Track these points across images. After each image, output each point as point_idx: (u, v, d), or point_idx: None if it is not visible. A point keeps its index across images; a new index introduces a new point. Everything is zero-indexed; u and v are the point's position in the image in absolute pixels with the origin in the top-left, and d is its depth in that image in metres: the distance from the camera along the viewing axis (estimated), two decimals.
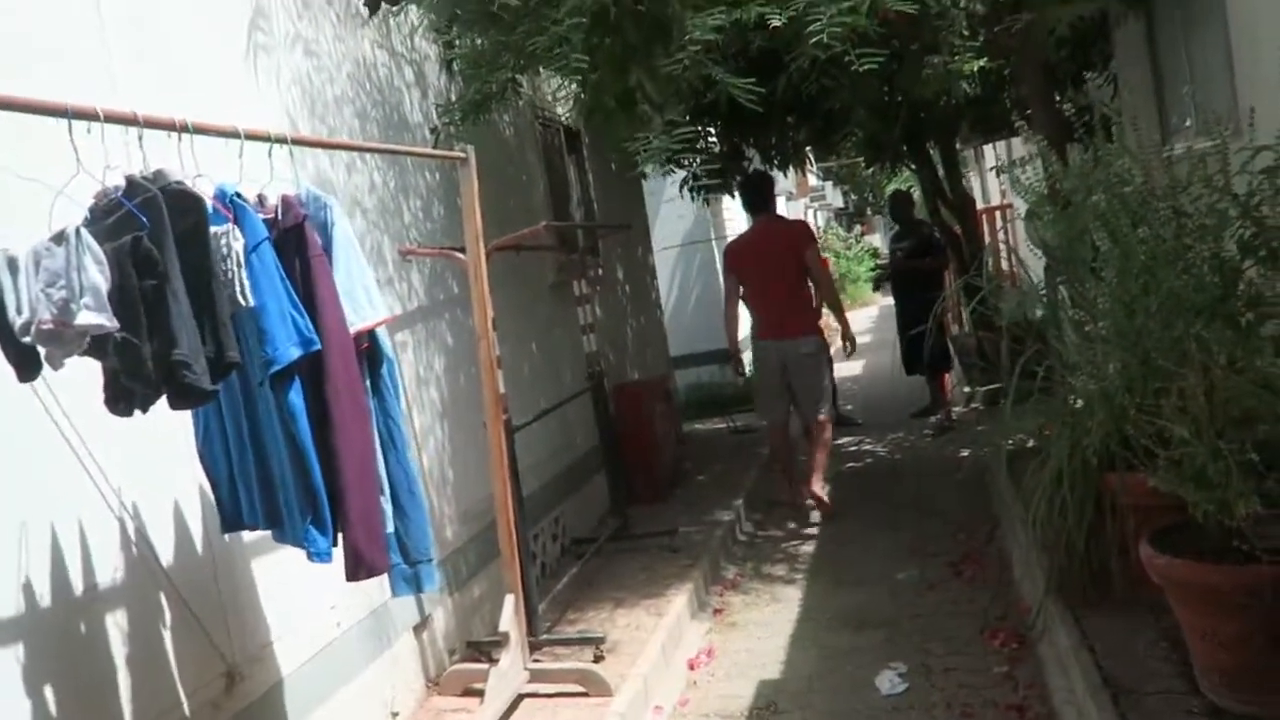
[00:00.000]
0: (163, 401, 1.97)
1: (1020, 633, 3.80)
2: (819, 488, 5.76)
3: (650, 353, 7.90)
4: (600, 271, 6.80)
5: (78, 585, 2.42)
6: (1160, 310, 2.35)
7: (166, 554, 2.70)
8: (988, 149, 14.02)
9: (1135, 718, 2.76)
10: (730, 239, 7.66)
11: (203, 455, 2.55)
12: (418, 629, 3.75)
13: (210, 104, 2.67)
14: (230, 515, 2.58)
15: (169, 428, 2.47)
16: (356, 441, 2.36)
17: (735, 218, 13.45)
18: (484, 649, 3.92)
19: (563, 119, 6.39)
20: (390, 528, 2.57)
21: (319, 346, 2.22)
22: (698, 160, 7.67)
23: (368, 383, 2.52)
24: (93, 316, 1.67)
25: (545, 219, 5.67)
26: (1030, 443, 4.00)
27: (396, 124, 4.24)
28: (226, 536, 2.86)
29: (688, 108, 4.38)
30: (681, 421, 8.19)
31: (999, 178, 11.79)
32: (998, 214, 12.45)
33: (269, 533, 2.63)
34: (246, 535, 2.89)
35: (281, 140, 2.40)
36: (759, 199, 6.15)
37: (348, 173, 3.74)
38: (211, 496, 2.64)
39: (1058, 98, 5.72)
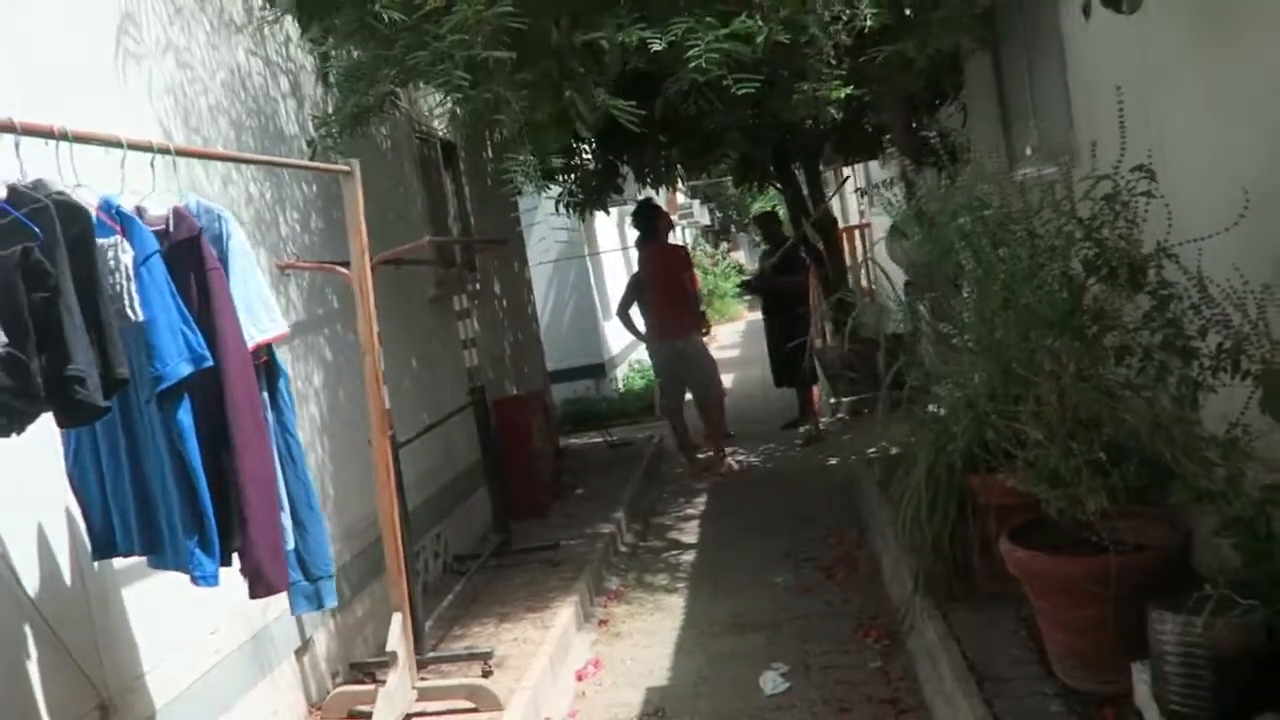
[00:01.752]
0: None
1: (891, 630, 4.01)
2: (719, 451, 7.42)
3: (528, 368, 7.91)
4: (478, 286, 6.78)
5: None
6: (1017, 323, 2.55)
7: (32, 580, 2.56)
8: (846, 171, 14.67)
9: (998, 702, 2.97)
10: (596, 254, 8.44)
11: (72, 477, 2.43)
12: (299, 652, 3.66)
13: (79, 114, 2.56)
14: (102, 541, 2.47)
15: (31, 443, 2.35)
16: (257, 458, 2.31)
17: (607, 234, 13.60)
18: (368, 670, 3.86)
19: (439, 134, 6.36)
20: (291, 544, 2.52)
21: (210, 362, 2.16)
22: (573, 177, 7.75)
23: (265, 397, 2.47)
24: None
25: (424, 233, 5.62)
26: (894, 450, 4.23)
27: (273, 135, 4.14)
28: (98, 565, 2.75)
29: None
30: (559, 436, 8.21)
31: (862, 199, 12.35)
32: (857, 233, 13.02)
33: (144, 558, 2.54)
34: (119, 562, 2.77)
35: (165, 150, 2.34)
36: (648, 228, 7.54)
37: (224, 184, 3.63)
38: (81, 520, 2.52)
39: (915, 124, 6.06)
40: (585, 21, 3.68)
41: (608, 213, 9.01)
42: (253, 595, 2.35)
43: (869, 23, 4.37)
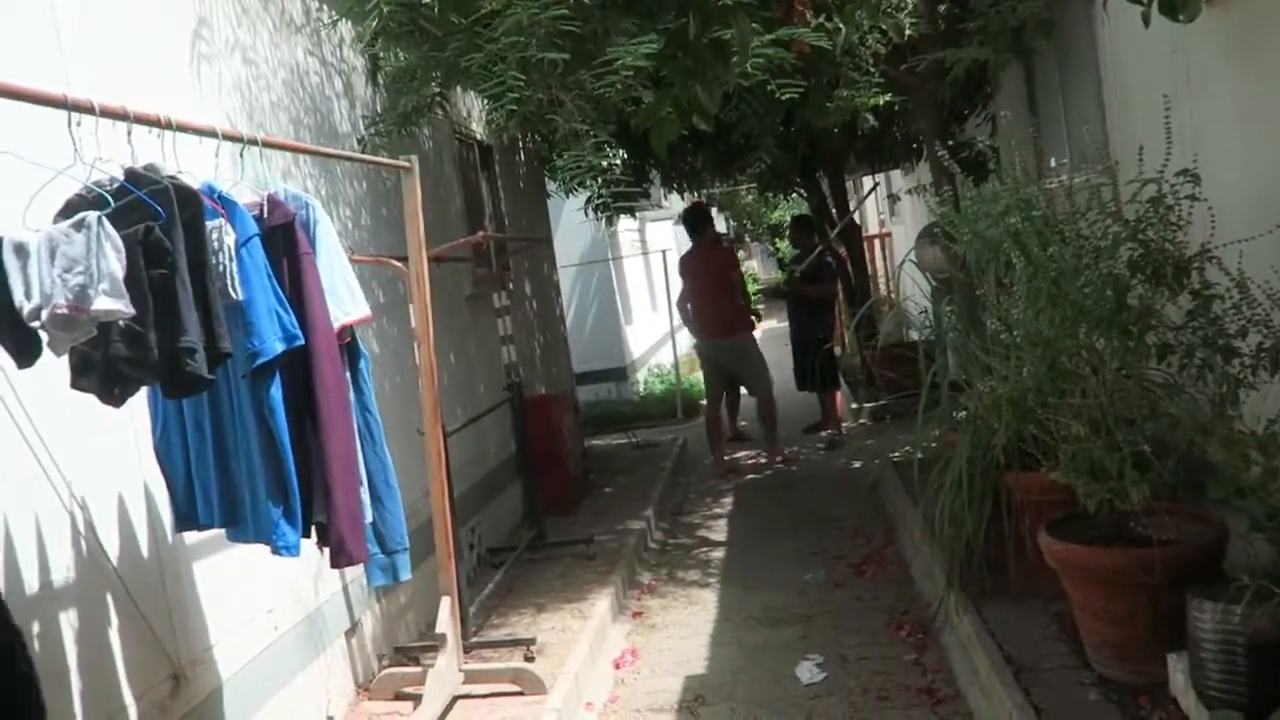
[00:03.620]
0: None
1: (924, 624, 4.09)
2: (775, 451, 7.64)
3: (556, 368, 8.02)
4: (510, 285, 6.89)
5: (31, 581, 2.39)
6: (1064, 320, 2.65)
7: (114, 551, 2.68)
8: (868, 180, 14.78)
9: (1035, 691, 3.05)
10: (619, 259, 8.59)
11: (159, 452, 2.55)
12: (349, 634, 3.76)
13: (158, 110, 2.69)
14: (184, 513, 2.58)
15: (117, 420, 2.46)
16: (341, 434, 2.42)
17: (629, 238, 13.72)
18: (412, 654, 3.96)
19: (478, 136, 6.49)
20: (369, 518, 2.63)
21: (302, 341, 2.28)
22: (600, 181, 7.85)
23: (347, 376, 2.58)
24: (109, 302, 1.71)
25: (462, 232, 5.75)
26: (920, 455, 4.31)
27: (327, 132, 4.27)
28: (171, 537, 2.86)
29: (617, 128, 4.57)
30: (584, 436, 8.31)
31: (881, 206, 12.43)
32: (877, 242, 13.13)
33: (219, 532, 2.65)
34: (189, 536, 2.88)
35: (254, 142, 2.45)
36: (694, 229, 7.83)
37: (283, 178, 3.74)
38: (164, 494, 2.63)
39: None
40: (719, 20, 3.99)
41: (634, 217, 9.12)
42: (334, 565, 2.46)
43: (909, 32, 4.49)
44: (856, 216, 13.41)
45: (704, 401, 8.06)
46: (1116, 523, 3.03)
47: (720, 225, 27.13)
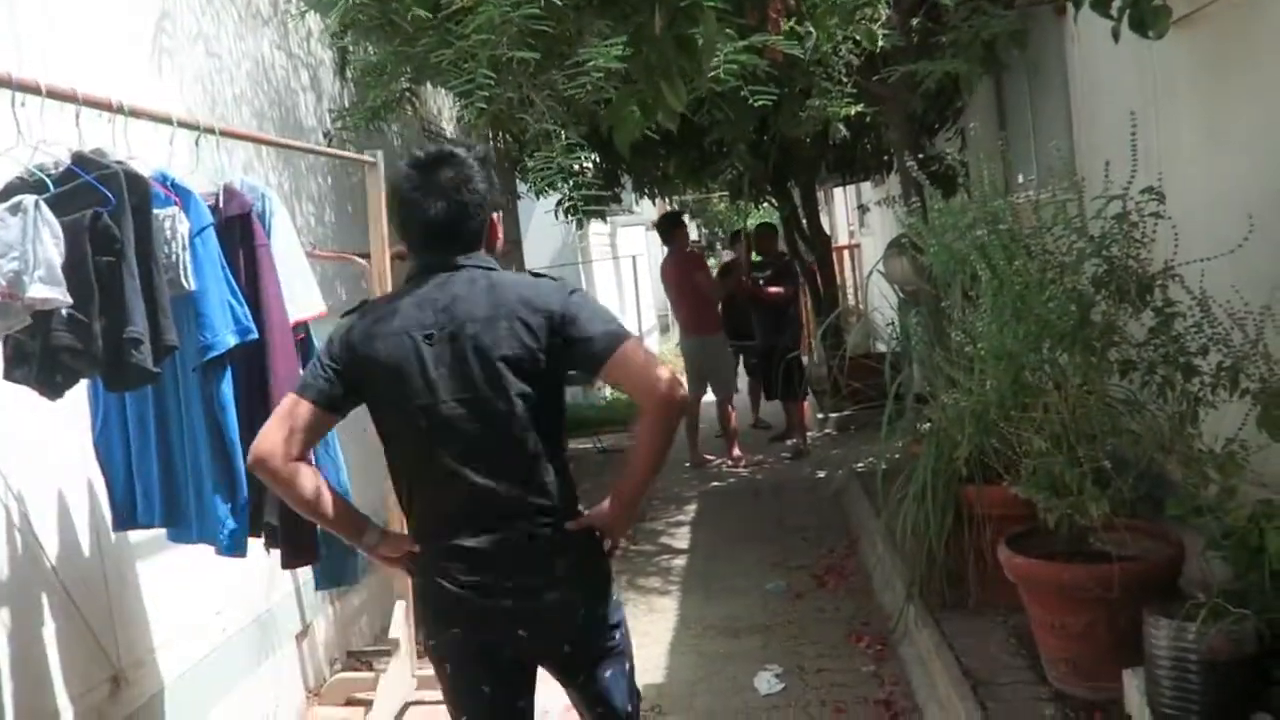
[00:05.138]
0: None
1: (884, 635, 4.08)
2: (732, 454, 7.87)
3: None
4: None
5: None
6: (1028, 335, 2.65)
7: (53, 549, 2.60)
8: (838, 191, 14.87)
9: (992, 705, 3.05)
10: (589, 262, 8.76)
11: (98, 447, 2.47)
12: (300, 637, 3.69)
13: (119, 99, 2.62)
14: (124, 511, 2.50)
15: (57, 412, 2.38)
16: None
17: (599, 242, 13.71)
18: (365, 658, 3.89)
19: (448, 133, 6.42)
20: None
21: (256, 335, 2.22)
22: (572, 184, 7.82)
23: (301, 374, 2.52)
24: (45, 290, 1.65)
25: None
26: (883, 466, 4.32)
27: (292, 126, 4.20)
28: (114, 535, 2.78)
29: (589, 130, 4.54)
30: None
31: (852, 217, 12.50)
32: (847, 252, 13.20)
33: (162, 532, 2.58)
34: (134, 534, 2.80)
35: (210, 130, 2.39)
36: (666, 236, 8.04)
37: (244, 171, 3.66)
38: (104, 491, 2.55)
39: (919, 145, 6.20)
40: (685, 16, 3.94)
41: (605, 221, 9.09)
42: (285, 565, 2.40)
43: (881, 43, 4.50)
44: (826, 227, 13.49)
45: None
46: (1076, 538, 3.03)
47: (693, 232, 27.30)
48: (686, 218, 26.04)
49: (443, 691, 2.12)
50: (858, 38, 4.43)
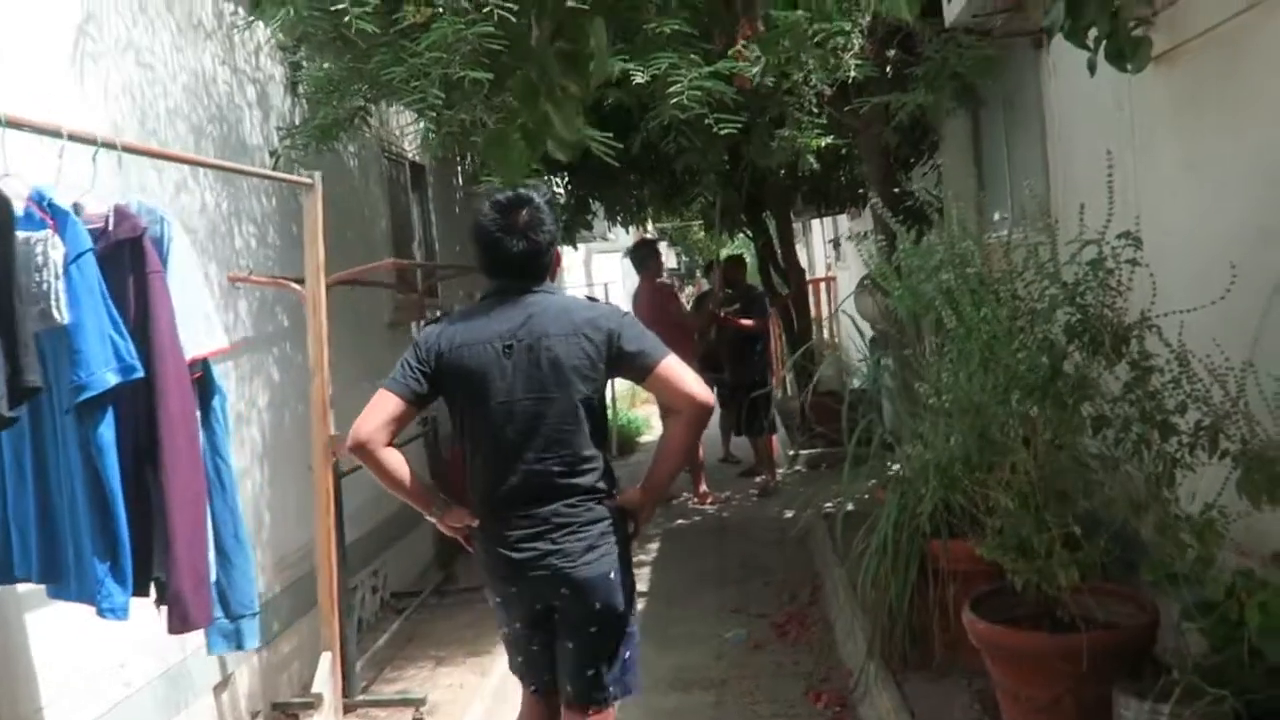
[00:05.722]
0: None
1: (843, 694, 3.87)
2: (701, 488, 7.69)
3: None
4: (439, 313, 6.62)
5: None
6: (996, 386, 2.47)
7: None
8: (815, 223, 14.78)
9: None
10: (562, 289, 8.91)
11: None
12: (218, 689, 3.43)
13: (29, 109, 2.42)
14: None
15: None
16: (187, 480, 2.13)
17: (573, 267, 13.52)
18: (291, 710, 3.64)
19: (410, 155, 6.23)
20: (212, 577, 2.33)
21: (140, 373, 2.00)
22: None
23: (198, 415, 2.29)
24: None
25: (386, 255, 5.48)
26: (850, 506, 4.14)
27: (235, 144, 3.99)
28: None
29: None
30: None
31: (835, 249, 12.39)
32: (823, 285, 13.07)
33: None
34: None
35: (110, 145, 2.18)
36: (638, 263, 7.85)
37: (177, 191, 3.47)
38: None
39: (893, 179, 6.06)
40: (567, 34, 3.47)
41: (575, 248, 8.92)
42: (171, 630, 2.17)
43: (853, 74, 4.35)
44: (804, 258, 13.37)
45: (640, 438, 8.03)
46: (1045, 600, 2.85)
47: (671, 260, 27.18)
48: (665, 245, 26.02)
49: (504, 638, 2.66)
50: (826, 67, 4.28)
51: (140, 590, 2.13)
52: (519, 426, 2.40)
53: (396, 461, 2.45)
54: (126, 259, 2.06)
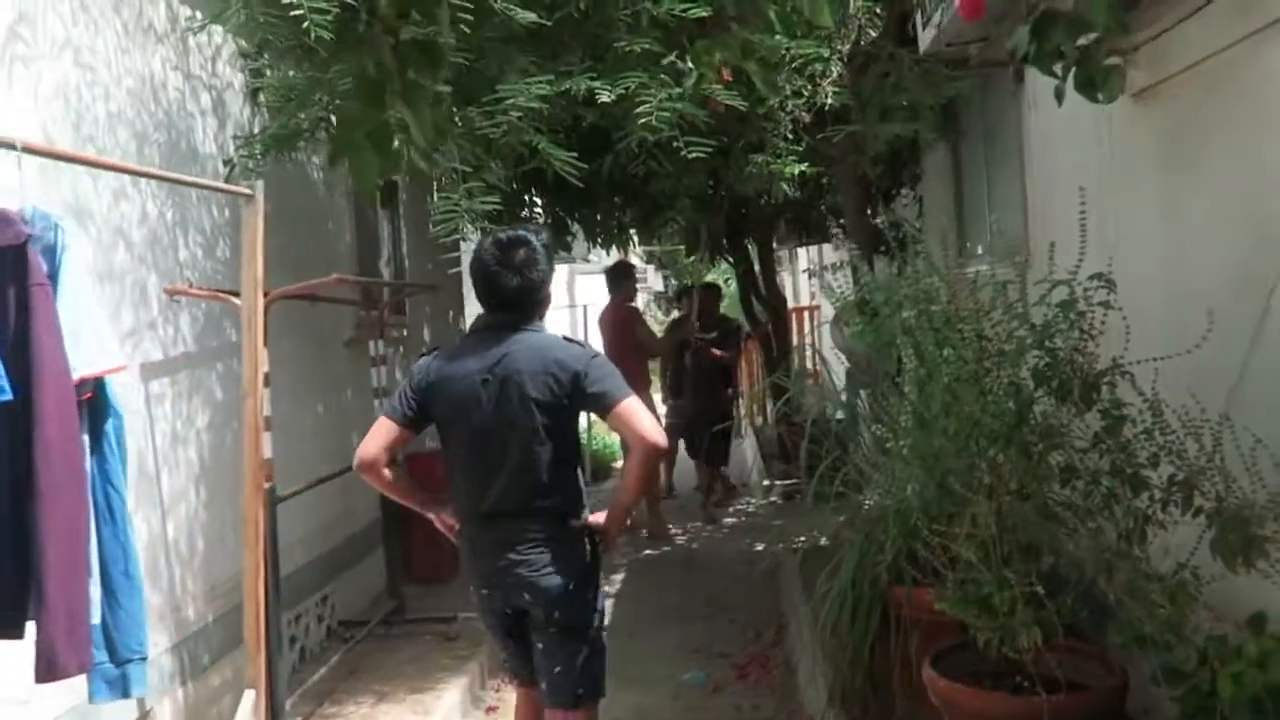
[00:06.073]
0: None
1: None
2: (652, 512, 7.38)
3: None
4: (406, 333, 6.45)
5: None
6: (958, 433, 2.32)
7: None
8: (801, 252, 14.68)
9: None
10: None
11: None
12: None
13: None
14: None
15: None
16: (66, 511, 1.96)
17: (555, 288, 13.37)
18: None
19: None
20: (96, 618, 2.14)
21: (9, 395, 1.83)
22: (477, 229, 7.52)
23: (85, 440, 2.12)
24: None
25: (350, 271, 5.32)
26: (823, 540, 3.99)
27: (184, 153, 3.83)
28: None
29: (510, 173, 4.21)
30: None
31: (810, 280, 12.31)
32: (806, 314, 12.96)
33: None
34: None
35: (9, 145, 2.02)
36: (612, 285, 7.86)
37: (115, 199, 3.31)
38: None
39: (870, 211, 5.95)
40: (416, 18, 3.06)
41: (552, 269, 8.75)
42: (38, 678, 1.98)
43: (829, 100, 4.24)
44: (788, 286, 13.26)
45: (617, 464, 7.93)
46: (1008, 658, 2.69)
47: (658, 283, 27.04)
48: (653, 270, 25.86)
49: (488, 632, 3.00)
50: (805, 92, 4.17)
51: (13, 631, 1.94)
52: (493, 451, 2.69)
53: (398, 477, 2.83)
54: (7, 269, 1.90)
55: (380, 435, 2.74)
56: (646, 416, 2.71)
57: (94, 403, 2.14)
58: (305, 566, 4.59)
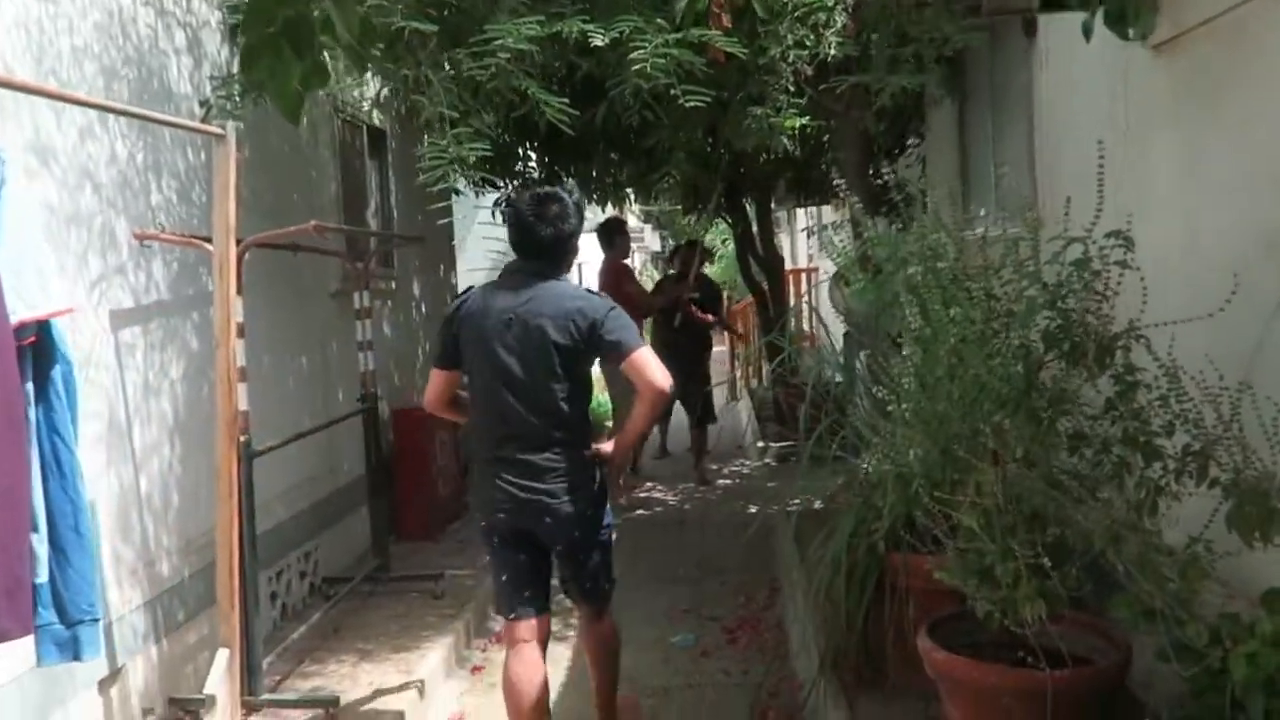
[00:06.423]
0: None
1: (791, 713, 3.63)
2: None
3: None
4: (394, 285, 6.31)
5: None
6: (962, 397, 2.20)
7: None
8: (800, 212, 14.49)
9: None
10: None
11: None
12: (105, 684, 3.14)
13: None
14: None
15: None
16: (3, 464, 1.82)
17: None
18: (190, 707, 3.35)
19: (367, 118, 5.90)
20: (43, 576, 2.03)
21: None
22: (514, 183, 7.35)
23: (30, 388, 1.98)
24: None
25: (334, 221, 5.17)
26: (817, 504, 3.90)
27: (156, 92, 3.66)
28: None
29: (500, 120, 4.05)
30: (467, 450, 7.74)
31: (809, 240, 12.14)
32: (804, 276, 12.80)
33: None
34: None
35: None
36: (604, 242, 7.71)
37: (81, 138, 3.15)
38: None
39: (872, 169, 5.79)
40: None
41: None
42: None
43: (832, 51, 4.06)
44: (786, 247, 13.09)
45: (609, 422, 7.78)
46: (1008, 629, 2.60)
47: (655, 243, 26.79)
48: (651, 229, 25.53)
49: (490, 559, 3.18)
50: (808, 42, 3.99)
51: None
52: (513, 387, 2.93)
53: (459, 413, 3.18)
54: None
55: (433, 386, 3.12)
56: (656, 364, 2.96)
57: (39, 348, 2.01)
58: (288, 521, 4.49)
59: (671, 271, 9.13)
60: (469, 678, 4.15)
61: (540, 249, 3.01)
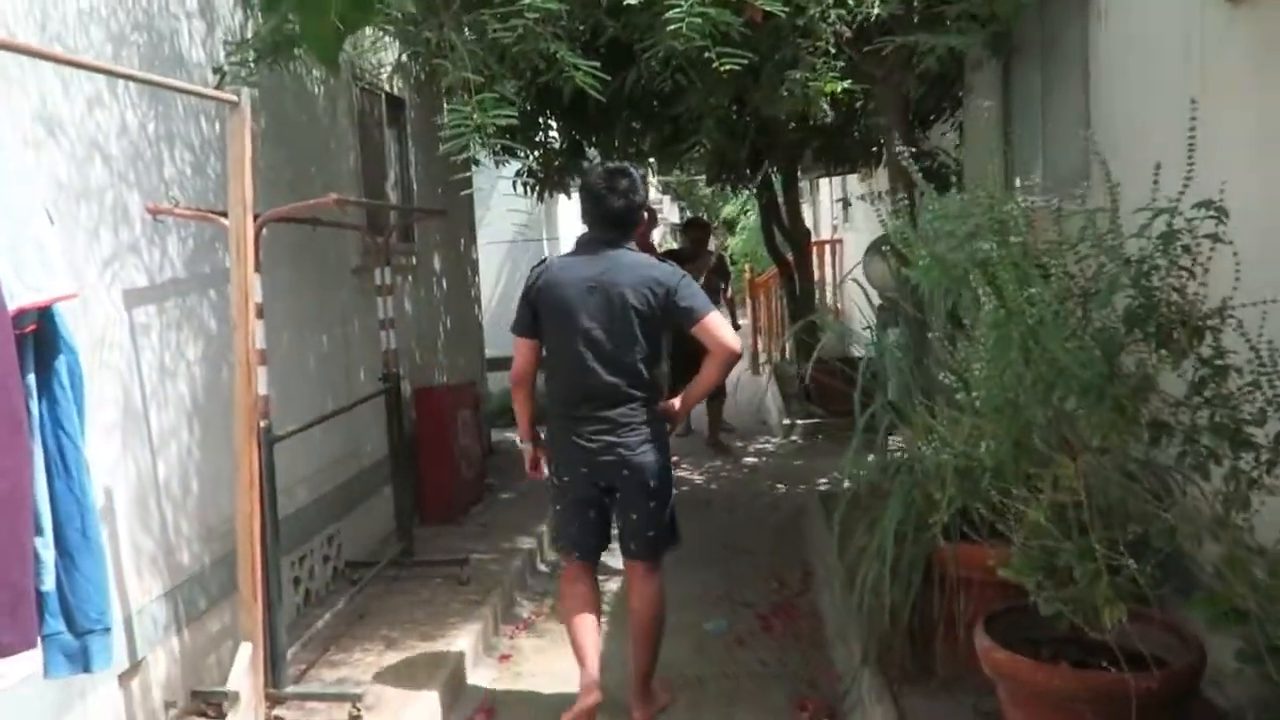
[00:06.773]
0: None
1: (832, 705, 3.50)
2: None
3: (463, 355, 7.29)
4: (414, 260, 6.16)
5: None
6: (1036, 383, 2.03)
7: None
8: (824, 183, 14.21)
9: None
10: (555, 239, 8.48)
11: None
12: (125, 677, 3.03)
13: None
14: None
15: None
16: (3, 465, 1.69)
17: (572, 218, 13.00)
18: (214, 699, 3.24)
19: (386, 86, 5.72)
20: (50, 583, 1.89)
21: None
22: (535, 154, 7.16)
23: (31, 380, 1.84)
24: None
25: (353, 194, 5.01)
26: (845, 483, 3.75)
27: (167, 58, 3.50)
28: None
29: (525, 86, 3.87)
30: (490, 430, 7.61)
31: (844, 211, 11.86)
32: (828, 248, 12.57)
33: None
34: None
35: None
36: None
37: (89, 108, 2.99)
38: None
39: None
40: None
41: (569, 195, 8.37)
42: None
43: (876, 10, 3.85)
44: (810, 218, 12.83)
45: None
46: (1073, 626, 2.44)
47: (674, 214, 26.52)
48: (669, 200, 25.22)
49: (560, 513, 3.41)
50: (849, 2, 3.78)
51: None
52: (595, 350, 3.15)
53: (525, 400, 3.36)
54: None
55: (519, 356, 3.30)
56: (727, 328, 3.23)
57: (40, 336, 1.86)
58: (310, 505, 4.37)
59: (676, 246, 9.01)
60: (497, 666, 4.04)
61: (613, 220, 3.21)
